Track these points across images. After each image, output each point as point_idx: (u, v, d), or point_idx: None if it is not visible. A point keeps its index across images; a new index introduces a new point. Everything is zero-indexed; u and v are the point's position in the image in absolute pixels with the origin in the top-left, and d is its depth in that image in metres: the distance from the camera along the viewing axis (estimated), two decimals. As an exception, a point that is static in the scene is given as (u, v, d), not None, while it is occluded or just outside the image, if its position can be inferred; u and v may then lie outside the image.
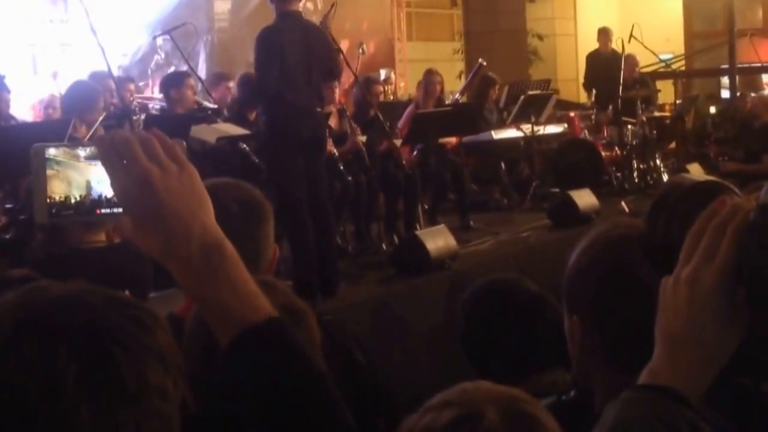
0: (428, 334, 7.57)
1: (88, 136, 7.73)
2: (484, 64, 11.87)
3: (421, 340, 7.59)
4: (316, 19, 9.71)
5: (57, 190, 1.49)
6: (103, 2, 12.29)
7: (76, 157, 1.49)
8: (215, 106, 9.66)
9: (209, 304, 1.47)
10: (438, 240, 8.12)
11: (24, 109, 10.79)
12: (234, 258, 1.48)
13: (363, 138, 9.53)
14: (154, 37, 11.83)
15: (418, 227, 9.24)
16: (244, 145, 8.33)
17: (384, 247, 9.22)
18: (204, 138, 8.18)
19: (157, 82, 11.64)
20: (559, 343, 3.50)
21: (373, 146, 9.54)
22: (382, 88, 11.44)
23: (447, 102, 11.31)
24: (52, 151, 1.49)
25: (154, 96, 11.11)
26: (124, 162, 1.42)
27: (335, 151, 8.91)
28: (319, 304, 6.47)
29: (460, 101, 11.85)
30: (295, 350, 1.50)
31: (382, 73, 13.43)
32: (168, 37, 10.83)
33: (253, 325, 1.45)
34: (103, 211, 1.50)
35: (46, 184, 1.47)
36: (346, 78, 10.61)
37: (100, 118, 8.07)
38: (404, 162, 9.63)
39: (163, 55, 12.30)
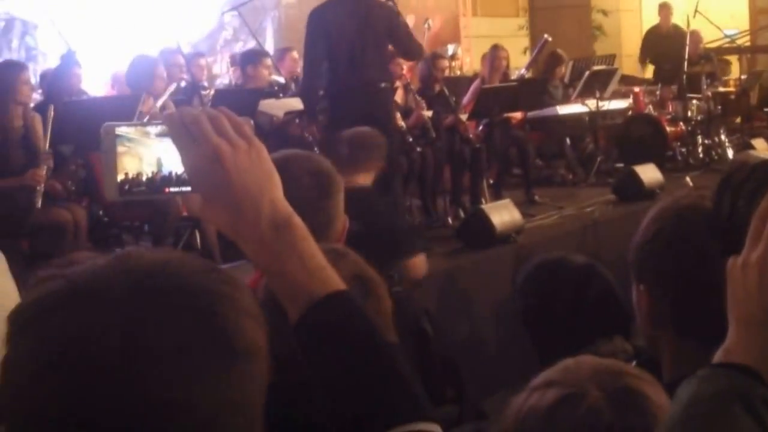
0: (493, 306, 7.61)
1: (154, 108, 7.85)
2: (550, 39, 11.84)
3: (486, 312, 7.64)
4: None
5: (129, 166, 1.49)
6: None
7: (147, 135, 1.51)
8: (283, 81, 9.76)
9: (278, 278, 1.50)
10: (503, 214, 8.14)
11: (98, 85, 10.95)
12: (303, 232, 1.50)
13: (429, 113, 9.57)
14: (223, 13, 11.91)
15: (483, 201, 9.28)
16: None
17: (450, 221, 9.27)
18: (272, 113, 8.26)
19: (225, 58, 11.76)
20: (614, 312, 3.58)
21: (438, 121, 9.58)
22: (447, 64, 11.47)
23: (512, 77, 11.31)
24: (123, 129, 1.50)
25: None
26: (194, 139, 1.44)
27: (403, 124, 8.98)
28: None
29: (526, 77, 11.83)
30: (363, 323, 1.52)
31: (449, 49, 13.42)
32: (236, 13, 10.91)
33: (321, 299, 1.48)
34: (172, 189, 1.52)
35: (117, 162, 1.49)
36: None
37: (168, 91, 8.16)
38: (470, 136, 9.68)
39: (231, 31, 12.39)
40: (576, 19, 16.27)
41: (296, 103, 8.47)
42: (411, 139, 8.98)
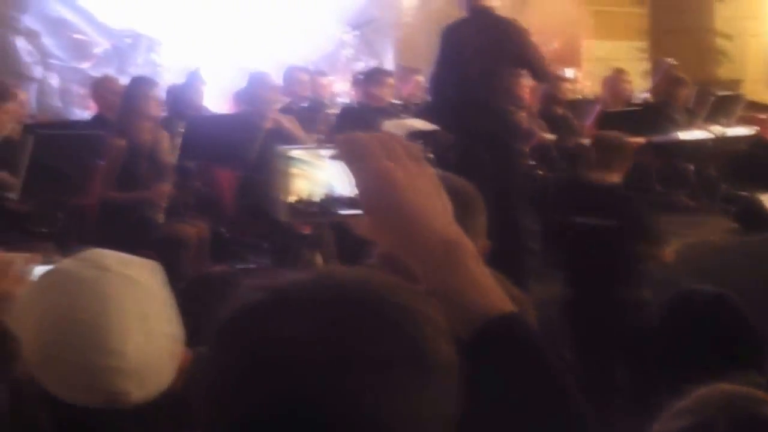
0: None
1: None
2: (674, 63, 11.68)
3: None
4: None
5: (302, 188, 1.54)
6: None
7: (320, 157, 1.56)
8: (401, 102, 9.77)
9: (450, 297, 1.47)
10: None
11: (217, 101, 11.07)
12: (473, 252, 1.50)
13: (551, 136, 9.50)
14: (345, 33, 11.97)
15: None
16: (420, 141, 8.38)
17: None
18: (395, 132, 8.26)
19: (346, 77, 11.80)
20: (748, 345, 3.50)
21: (561, 144, 9.50)
22: (569, 86, 11.39)
23: (634, 102, 11.17)
24: (296, 152, 1.54)
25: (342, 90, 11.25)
26: (365, 162, 1.45)
27: (522, 146, 8.92)
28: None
29: (648, 101, 11.68)
30: (537, 345, 1.51)
31: (569, 72, 13.32)
32: (356, 32, 10.96)
33: (496, 318, 1.47)
34: (342, 211, 1.55)
35: (289, 184, 1.54)
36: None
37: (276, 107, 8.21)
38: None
39: (351, 51, 12.43)
40: (698, 43, 16.02)
41: (419, 124, 8.46)
42: (533, 162, 8.91)
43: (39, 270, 2.23)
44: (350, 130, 1.55)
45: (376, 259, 1.74)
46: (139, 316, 1.87)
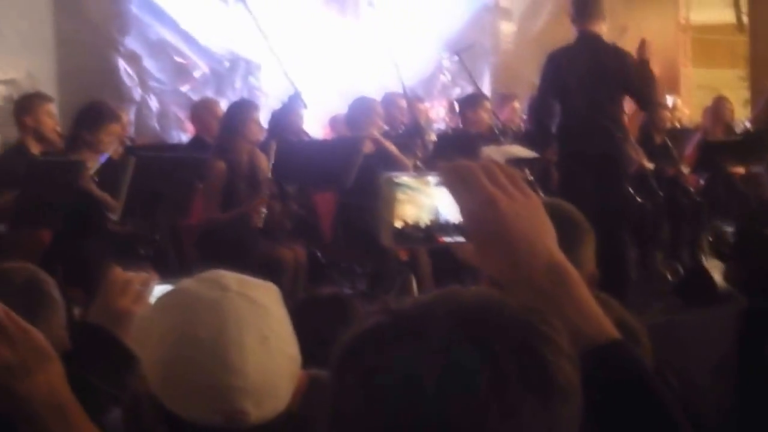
0: (713, 367, 7.37)
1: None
2: (775, 91, 11.51)
3: (705, 372, 7.40)
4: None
5: (408, 214, 1.55)
6: (391, 23, 12.53)
7: (427, 184, 1.56)
8: (500, 128, 9.73)
9: None
10: (726, 271, 7.91)
11: (313, 126, 11.12)
12: (577, 279, 1.51)
13: (650, 164, 9.40)
14: (443, 58, 11.98)
15: (703, 257, 9.04)
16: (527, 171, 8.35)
17: (668, 276, 9.05)
18: (494, 158, 8.23)
19: (443, 102, 11.81)
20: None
21: (660, 173, 9.39)
22: (669, 114, 11.26)
23: (735, 130, 11.02)
24: (404, 178, 1.56)
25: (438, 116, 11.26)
26: (469, 188, 1.48)
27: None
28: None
29: (749, 130, 11.51)
30: (644, 372, 1.51)
31: (669, 99, 13.19)
32: (455, 57, 10.95)
33: (602, 345, 1.48)
34: (447, 237, 1.55)
35: (394, 209, 1.54)
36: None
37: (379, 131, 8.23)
38: (691, 190, 9.46)
39: (449, 76, 12.43)
40: (800, 72, 15.75)
41: (518, 151, 8.43)
42: (631, 191, 8.81)
43: (158, 289, 2.25)
44: (449, 156, 1.56)
45: (483, 284, 1.73)
46: (259, 337, 1.87)
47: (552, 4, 13.98)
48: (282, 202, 7.83)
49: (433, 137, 9.31)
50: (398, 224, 1.55)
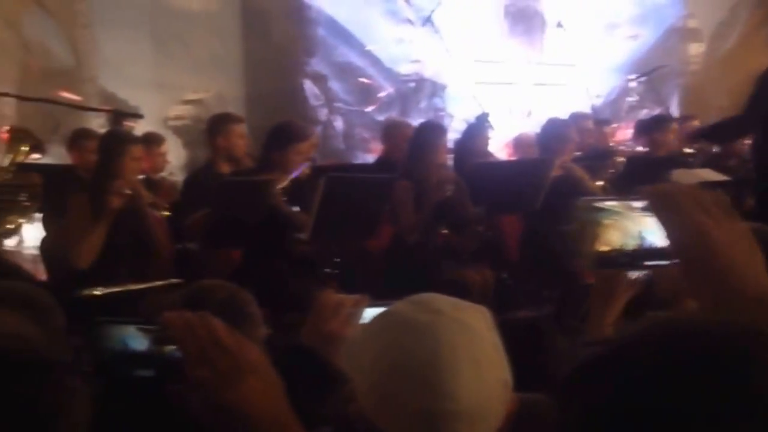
0: None
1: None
2: None
3: None
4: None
5: (612, 239, 1.56)
6: (577, 45, 12.45)
7: (631, 209, 1.57)
8: (691, 151, 9.53)
9: None
10: None
11: (497, 147, 11.08)
12: None
13: None
14: (631, 80, 11.82)
15: None
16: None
17: None
18: (684, 182, 8.05)
19: (630, 125, 11.63)
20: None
21: None
22: None
23: None
24: (608, 203, 1.57)
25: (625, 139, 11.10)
26: (677, 214, 1.48)
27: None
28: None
29: None
30: None
31: None
32: (641, 79, 10.81)
33: None
34: (650, 262, 1.58)
35: (596, 235, 1.54)
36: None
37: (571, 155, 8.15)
38: None
39: (636, 98, 12.25)
40: None
41: (710, 174, 8.22)
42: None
43: (369, 312, 2.25)
44: (639, 180, 1.57)
45: (680, 310, 1.69)
46: (472, 361, 1.87)
47: (742, 24, 13.67)
48: (469, 223, 7.80)
49: (621, 160, 9.17)
50: (604, 248, 1.56)
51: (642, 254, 1.57)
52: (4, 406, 1.51)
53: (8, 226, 7.26)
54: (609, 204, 1.58)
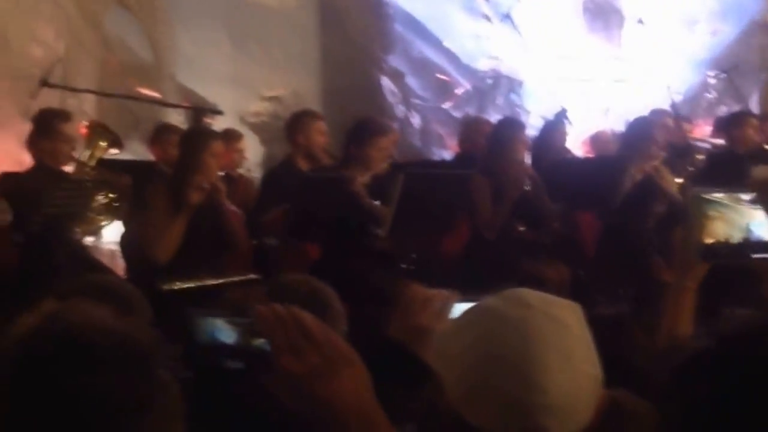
0: None
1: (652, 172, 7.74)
2: None
3: None
4: None
5: (718, 231, 1.56)
6: (656, 40, 12.35)
7: (739, 201, 1.57)
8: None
9: None
10: None
11: (574, 144, 11.02)
12: None
13: None
14: (710, 77, 11.71)
15: None
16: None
17: None
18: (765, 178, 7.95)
19: (708, 121, 11.51)
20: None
21: None
22: None
23: None
24: (716, 195, 1.57)
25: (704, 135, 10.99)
26: None
27: None
28: None
29: None
30: None
31: None
32: (721, 75, 10.69)
33: None
34: (757, 255, 1.57)
35: (702, 226, 1.55)
36: None
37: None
38: None
39: (714, 94, 12.12)
40: None
41: (793, 171, 8.10)
42: None
43: (458, 307, 2.26)
44: (719, 177, 1.58)
45: None
46: (563, 355, 1.86)
47: (825, 19, 13.47)
48: (546, 220, 7.77)
49: (701, 157, 9.07)
50: (710, 240, 1.61)
51: (749, 246, 1.62)
52: (99, 399, 1.53)
53: (101, 224, 7.37)
54: (717, 196, 1.62)
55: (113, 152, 7.67)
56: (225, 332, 2.14)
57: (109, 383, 1.55)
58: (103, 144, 7.51)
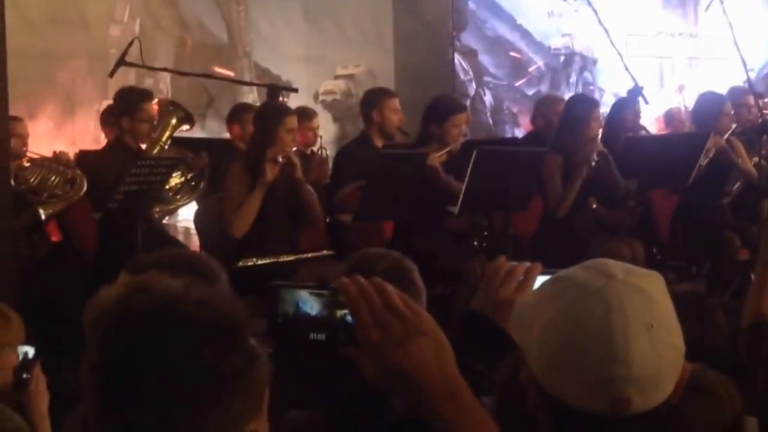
0: None
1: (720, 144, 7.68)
2: None
3: None
4: None
5: None
6: (733, 18, 12.18)
7: None
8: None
9: None
10: None
11: (648, 122, 10.92)
12: None
13: None
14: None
15: None
16: None
17: None
18: None
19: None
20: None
21: None
22: None
23: None
24: None
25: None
26: None
27: None
28: None
29: None
30: None
31: None
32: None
33: None
34: None
35: None
36: None
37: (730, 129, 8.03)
38: None
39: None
40: None
41: None
42: None
43: (541, 278, 2.27)
44: None
45: None
46: (645, 326, 1.86)
47: None
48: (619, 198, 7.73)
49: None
50: None
51: None
52: (195, 370, 1.55)
53: (178, 203, 7.47)
54: None
55: (184, 128, 7.75)
56: (309, 303, 2.18)
57: (206, 355, 1.57)
58: (173, 121, 7.59)
